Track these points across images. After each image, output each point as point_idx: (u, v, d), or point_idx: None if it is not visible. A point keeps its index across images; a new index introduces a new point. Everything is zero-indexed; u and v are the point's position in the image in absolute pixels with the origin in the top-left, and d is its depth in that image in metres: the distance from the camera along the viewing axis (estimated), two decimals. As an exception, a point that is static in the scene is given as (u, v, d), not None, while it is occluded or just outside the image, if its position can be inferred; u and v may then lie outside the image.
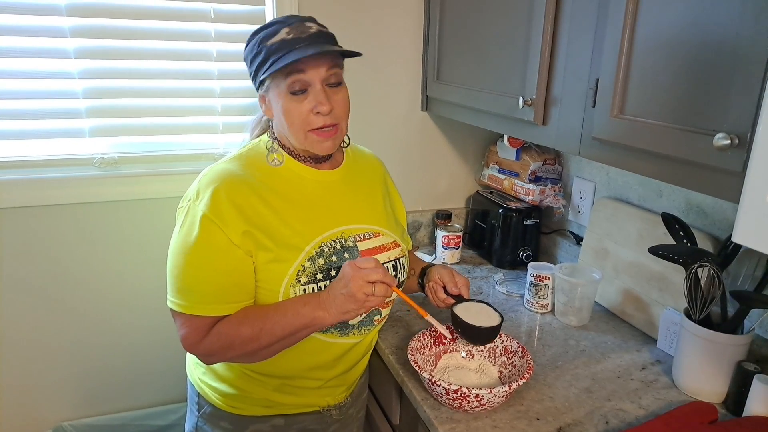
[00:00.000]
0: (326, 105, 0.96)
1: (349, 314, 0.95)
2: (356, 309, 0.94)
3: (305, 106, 0.97)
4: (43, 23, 1.37)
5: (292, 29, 0.95)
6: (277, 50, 0.94)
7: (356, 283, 0.91)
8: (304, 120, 0.97)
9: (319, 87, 0.96)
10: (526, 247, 1.69)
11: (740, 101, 0.74)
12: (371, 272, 0.92)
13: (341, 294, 0.93)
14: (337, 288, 0.94)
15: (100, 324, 1.63)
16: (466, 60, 1.47)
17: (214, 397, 1.10)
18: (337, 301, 0.93)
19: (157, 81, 1.51)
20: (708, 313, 1.06)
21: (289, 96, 0.96)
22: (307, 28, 0.96)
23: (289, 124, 0.98)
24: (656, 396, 1.09)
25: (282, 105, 0.98)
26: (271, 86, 0.98)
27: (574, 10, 1.06)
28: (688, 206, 1.29)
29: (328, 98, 0.97)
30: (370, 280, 0.92)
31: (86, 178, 1.50)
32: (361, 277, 0.91)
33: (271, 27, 0.97)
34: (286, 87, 0.96)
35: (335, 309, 0.94)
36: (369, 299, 0.92)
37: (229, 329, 0.95)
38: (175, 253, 0.97)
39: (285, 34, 0.95)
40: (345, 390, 1.17)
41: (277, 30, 0.96)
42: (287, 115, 0.98)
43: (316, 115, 0.97)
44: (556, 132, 1.14)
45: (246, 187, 0.98)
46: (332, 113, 0.98)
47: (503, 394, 0.97)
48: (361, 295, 0.91)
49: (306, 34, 0.95)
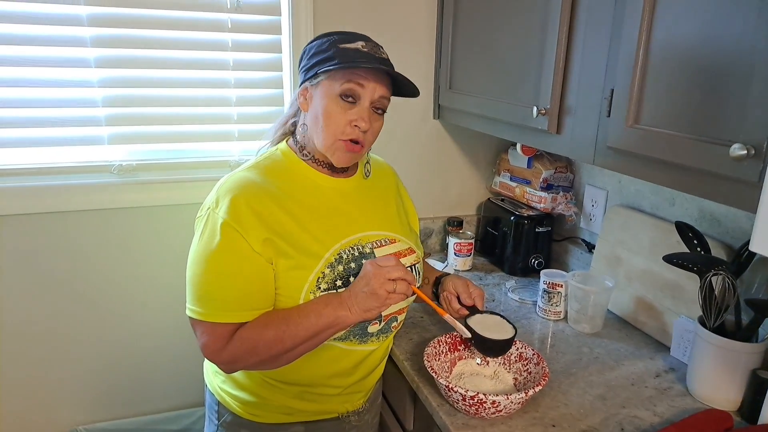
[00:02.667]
0: (367, 123, 1.00)
1: (371, 312, 0.96)
2: (378, 306, 0.95)
3: (348, 115, 1.00)
4: (65, 33, 1.40)
5: (367, 45, 1.00)
6: (347, 55, 0.98)
7: (378, 280, 0.93)
8: (340, 127, 1.00)
9: (367, 105, 1.00)
10: (538, 254, 1.70)
11: (756, 112, 0.75)
12: (392, 270, 0.94)
13: (363, 292, 0.94)
14: (359, 286, 0.95)
15: (116, 329, 1.65)
16: (479, 69, 1.49)
17: (235, 405, 1.11)
18: (358, 299, 0.94)
19: (175, 89, 1.54)
20: (722, 321, 1.06)
21: (338, 99, 0.99)
22: (380, 51, 1.02)
23: (325, 124, 1.00)
24: (671, 403, 1.09)
25: (326, 104, 1.00)
26: (324, 82, 1.00)
27: (589, 20, 1.08)
28: (701, 214, 1.29)
29: (370, 119, 1.01)
30: (391, 277, 0.93)
31: (105, 185, 1.52)
32: (383, 275, 0.93)
33: (348, 35, 1.02)
34: (339, 89, 0.98)
35: (357, 307, 0.95)
36: (390, 296, 0.94)
37: (252, 333, 0.96)
38: (195, 262, 0.98)
39: (361, 46, 0.99)
40: (363, 396, 1.18)
41: (354, 39, 1.00)
42: (326, 117, 1.00)
43: (353, 127, 1.00)
44: (571, 141, 1.16)
45: (265, 195, 0.99)
46: (365, 135, 1.02)
47: (519, 401, 0.98)
48: (382, 292, 0.93)
49: (379, 55, 1.00)
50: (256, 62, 1.60)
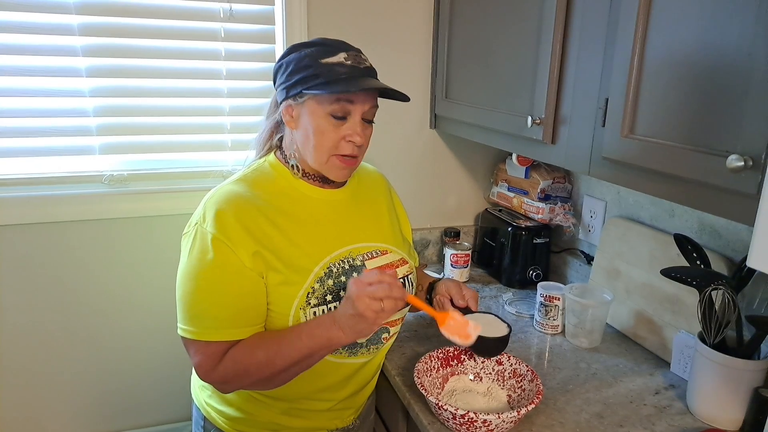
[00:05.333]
0: (361, 137, 0.99)
1: (364, 333, 0.92)
2: (368, 327, 0.91)
3: (341, 132, 0.98)
4: (57, 42, 1.39)
5: (350, 56, 0.97)
6: (332, 71, 0.95)
7: (362, 302, 0.87)
8: (334, 144, 0.98)
9: (358, 119, 0.99)
10: (536, 266, 1.67)
11: (753, 122, 0.72)
12: (377, 289, 0.87)
13: (349, 315, 0.90)
14: (345, 308, 0.91)
15: (105, 341, 1.62)
16: (474, 78, 1.47)
17: (221, 420, 1.08)
18: (348, 321, 0.90)
19: (167, 99, 1.53)
20: (723, 336, 1.03)
21: (329, 118, 0.97)
22: (362, 60, 0.99)
23: (317, 143, 0.98)
24: (670, 422, 1.06)
25: (316, 124, 0.98)
26: (310, 102, 0.97)
27: (583, 29, 1.06)
28: (701, 227, 1.26)
29: (363, 132, 0.99)
30: (376, 297, 0.87)
31: (96, 195, 1.51)
32: (367, 295, 0.87)
33: (326, 46, 0.97)
34: (329, 109, 0.96)
35: (349, 329, 0.91)
36: (379, 316, 0.88)
37: (243, 355, 0.94)
38: (185, 279, 0.95)
39: (343, 58, 0.96)
40: (353, 413, 1.15)
41: (335, 51, 0.96)
42: (318, 135, 0.98)
43: (348, 143, 0.98)
44: (566, 151, 1.13)
45: (253, 208, 0.97)
46: (360, 146, 1.00)
47: (512, 420, 0.95)
48: (370, 314, 0.87)
49: (363, 66, 0.98)
50: (249, 72, 1.59)
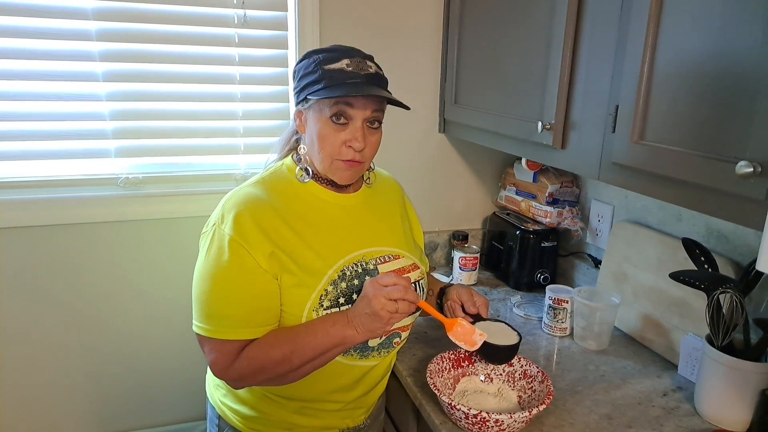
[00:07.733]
0: (361, 142, 0.99)
1: (376, 332, 0.96)
2: (382, 327, 0.95)
3: (341, 136, 0.99)
4: (74, 47, 1.42)
5: (352, 62, 0.98)
6: (332, 77, 0.96)
7: (378, 301, 0.91)
8: (335, 149, 0.99)
9: (360, 124, 0.99)
10: (544, 269, 1.68)
11: (763, 129, 0.74)
12: (393, 290, 0.92)
13: (365, 313, 0.93)
14: (361, 307, 0.94)
15: (121, 342, 1.65)
16: (484, 84, 1.49)
17: (235, 419, 1.10)
18: (362, 319, 0.94)
19: (182, 103, 1.55)
20: (731, 339, 1.04)
21: (329, 122, 0.98)
22: (366, 67, 0.99)
23: (320, 147, 1.00)
24: (678, 423, 1.07)
25: (319, 128, 0.99)
26: (314, 106, 1.00)
27: (593, 36, 1.08)
28: (708, 231, 1.28)
29: (365, 137, 0.99)
30: (392, 297, 0.92)
31: (111, 198, 1.53)
32: (383, 296, 0.91)
33: (333, 52, 0.99)
34: (329, 112, 0.98)
35: (362, 327, 0.94)
36: (393, 317, 0.93)
37: (259, 352, 0.96)
38: (202, 278, 0.98)
39: (345, 65, 0.97)
40: (364, 412, 1.17)
41: (339, 58, 0.98)
42: (321, 139, 1.00)
43: (348, 148, 0.99)
44: (575, 156, 1.15)
45: (270, 210, 0.99)
46: (362, 152, 1.00)
47: (523, 420, 0.97)
48: (384, 314, 0.92)
49: (364, 72, 0.98)
50: (262, 77, 1.61)
